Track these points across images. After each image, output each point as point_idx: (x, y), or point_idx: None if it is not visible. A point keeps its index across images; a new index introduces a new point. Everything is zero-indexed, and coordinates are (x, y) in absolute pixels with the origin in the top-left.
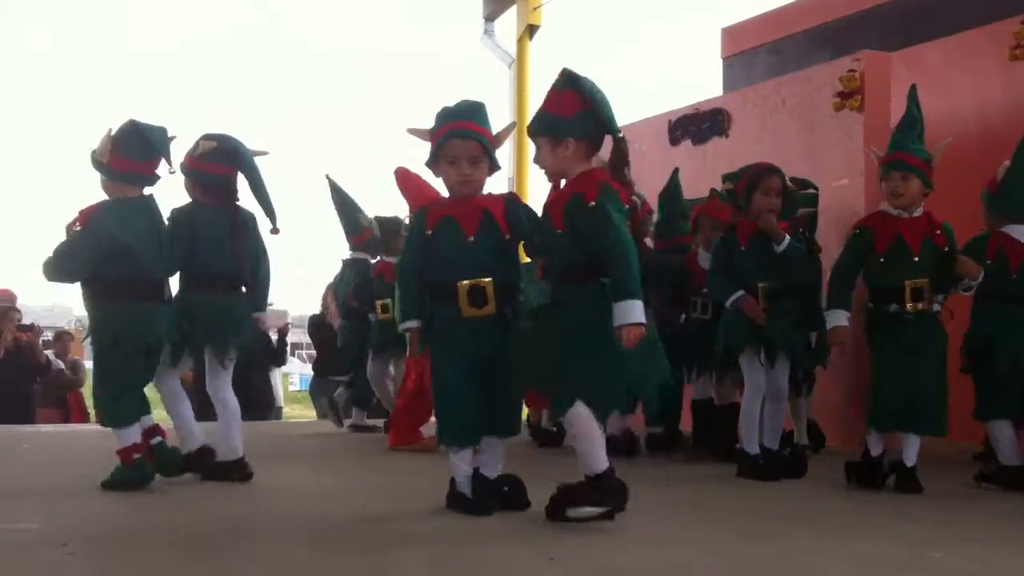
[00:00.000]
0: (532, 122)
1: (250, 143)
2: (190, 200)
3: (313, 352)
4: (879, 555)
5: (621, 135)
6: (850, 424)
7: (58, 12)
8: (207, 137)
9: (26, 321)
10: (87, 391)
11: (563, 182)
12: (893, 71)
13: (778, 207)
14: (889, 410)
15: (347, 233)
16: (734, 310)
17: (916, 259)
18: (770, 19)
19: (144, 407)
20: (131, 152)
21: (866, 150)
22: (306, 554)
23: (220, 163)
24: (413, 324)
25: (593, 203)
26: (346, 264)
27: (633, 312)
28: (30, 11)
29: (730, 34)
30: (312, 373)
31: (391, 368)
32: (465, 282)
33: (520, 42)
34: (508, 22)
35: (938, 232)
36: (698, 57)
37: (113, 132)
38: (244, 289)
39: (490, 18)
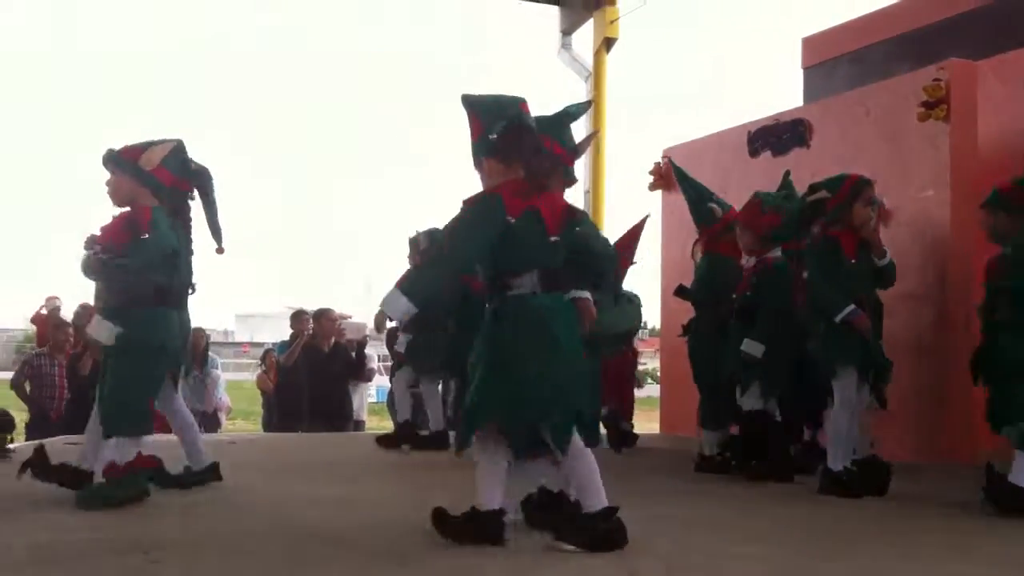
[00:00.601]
0: None
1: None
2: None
3: (390, 364)
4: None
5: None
6: (933, 437)
7: (58, 11)
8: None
9: None
10: None
11: None
12: (979, 80)
13: None
14: None
15: None
16: (842, 324)
17: None
18: (851, 28)
19: None
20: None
21: None
22: (383, 562)
23: (185, 179)
24: None
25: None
26: None
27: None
28: (29, 10)
29: (810, 44)
30: (389, 385)
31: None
32: None
33: (597, 55)
34: (585, 36)
35: None
36: (777, 68)
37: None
38: None
39: (567, 32)
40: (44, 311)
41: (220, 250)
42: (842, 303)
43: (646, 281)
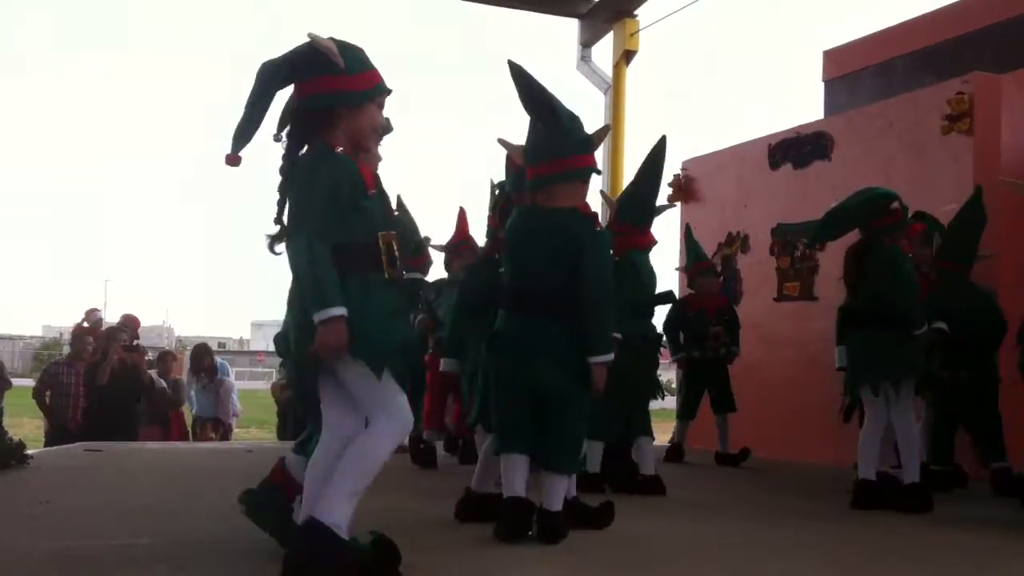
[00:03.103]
0: None
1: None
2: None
3: None
4: None
5: None
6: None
7: (58, 10)
8: None
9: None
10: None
11: None
12: (1003, 93)
13: None
14: None
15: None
16: (913, 338)
17: None
18: (874, 41)
19: None
20: None
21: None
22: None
23: None
24: None
25: None
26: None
27: None
28: (29, 9)
29: (832, 57)
30: None
31: None
32: None
33: (616, 68)
34: (604, 48)
35: None
36: (798, 81)
37: None
38: None
39: (587, 44)
40: (87, 323)
41: None
42: (923, 318)
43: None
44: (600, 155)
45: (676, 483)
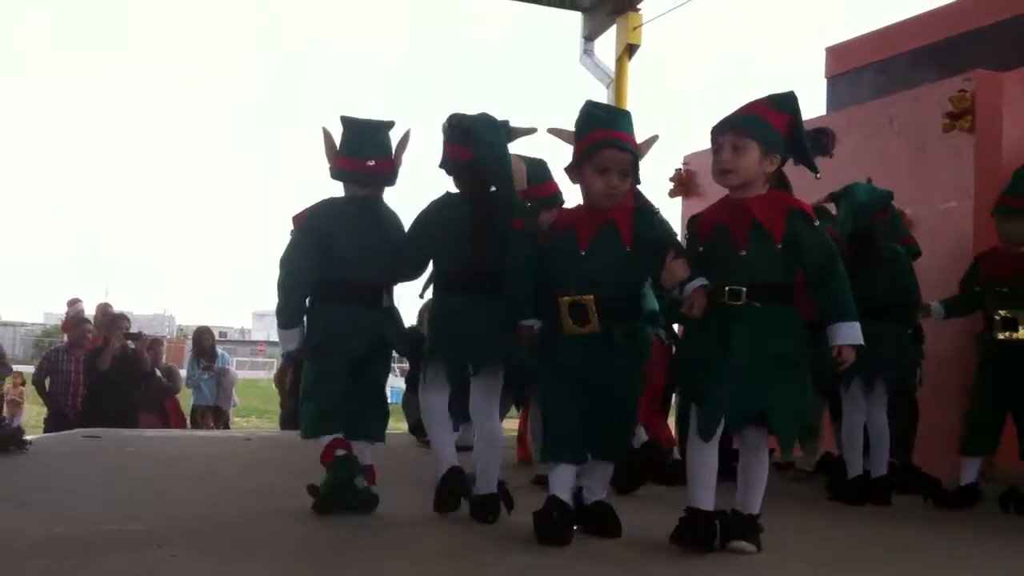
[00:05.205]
0: (741, 122)
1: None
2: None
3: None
4: None
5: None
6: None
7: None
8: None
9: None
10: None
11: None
12: (1005, 91)
13: None
14: None
15: None
16: None
17: None
18: (877, 38)
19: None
20: None
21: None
22: (397, 564)
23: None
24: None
25: (817, 223)
26: None
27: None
28: (28, 10)
29: (834, 53)
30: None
31: None
32: (566, 298)
33: (619, 62)
34: (607, 42)
35: None
36: (800, 77)
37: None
38: None
39: (590, 38)
40: (70, 314)
41: None
42: None
43: None
44: None
45: None
